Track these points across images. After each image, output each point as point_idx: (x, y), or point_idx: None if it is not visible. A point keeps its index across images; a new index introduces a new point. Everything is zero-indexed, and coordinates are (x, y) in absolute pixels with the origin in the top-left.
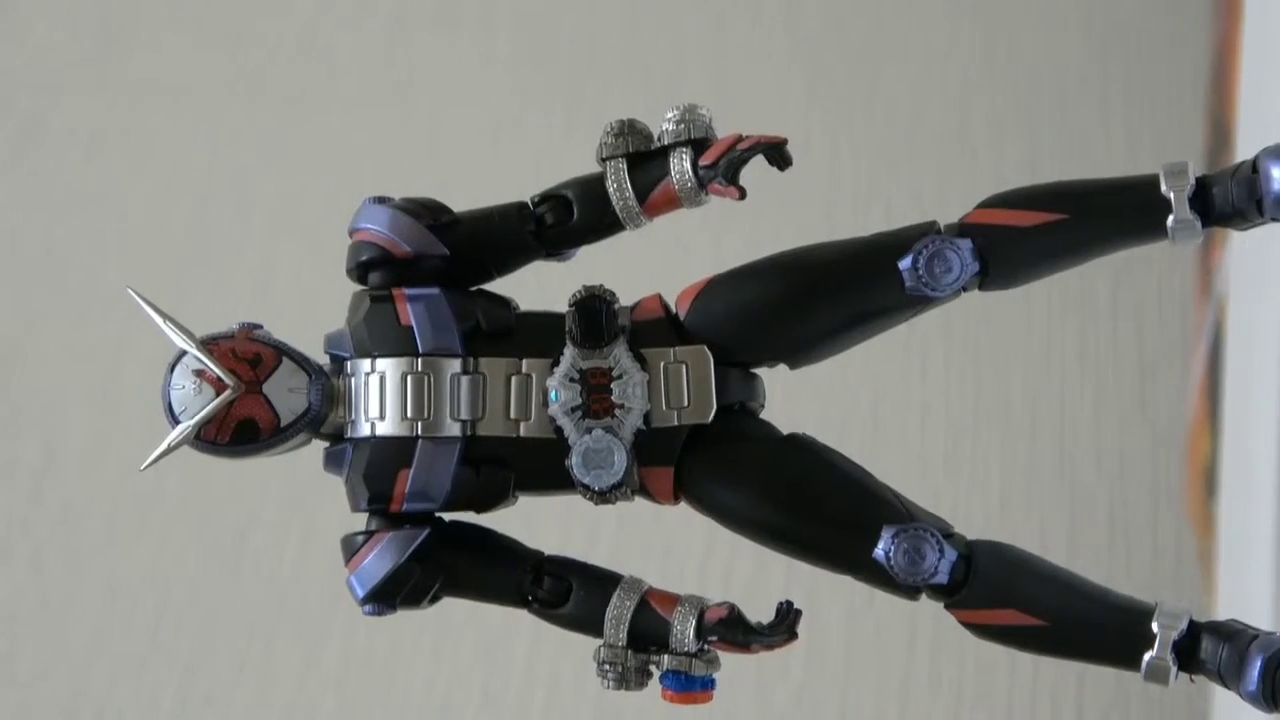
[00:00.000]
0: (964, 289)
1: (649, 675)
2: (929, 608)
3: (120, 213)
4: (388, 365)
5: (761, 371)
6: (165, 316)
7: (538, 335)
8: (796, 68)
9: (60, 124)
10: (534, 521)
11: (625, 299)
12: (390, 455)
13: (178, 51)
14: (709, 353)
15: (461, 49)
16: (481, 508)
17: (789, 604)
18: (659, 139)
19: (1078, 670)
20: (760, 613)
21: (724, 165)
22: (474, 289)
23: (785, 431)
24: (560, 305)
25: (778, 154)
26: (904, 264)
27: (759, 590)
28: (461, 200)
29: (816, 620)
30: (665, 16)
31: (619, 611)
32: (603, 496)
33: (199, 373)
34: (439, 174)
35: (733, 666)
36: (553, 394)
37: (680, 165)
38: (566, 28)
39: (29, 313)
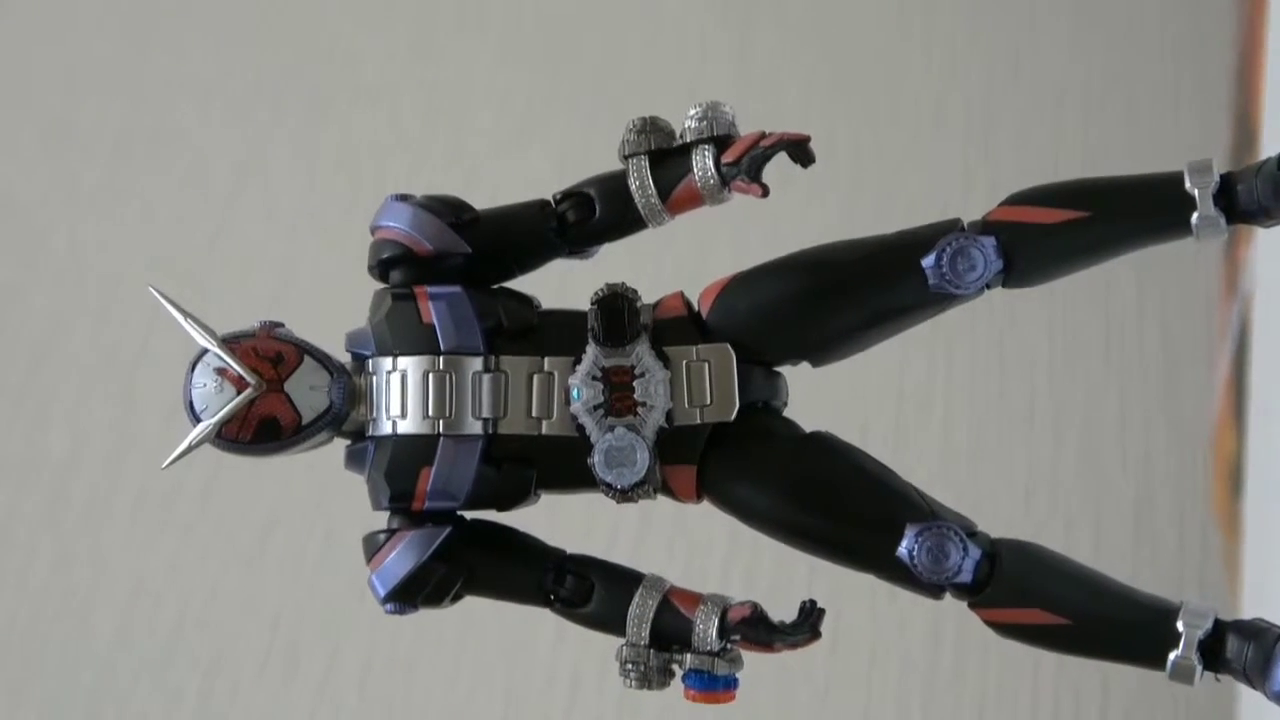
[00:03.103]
0: (987, 286)
1: (671, 674)
2: (952, 606)
3: (145, 212)
4: (409, 363)
5: (784, 369)
6: (187, 314)
7: (560, 333)
8: (820, 66)
9: (87, 124)
10: (556, 520)
11: (647, 297)
12: (412, 453)
13: (203, 51)
14: (731, 351)
15: (485, 49)
16: (503, 506)
17: (812, 603)
18: (681, 136)
19: (1102, 669)
20: (783, 611)
21: (746, 163)
22: (496, 287)
23: (808, 429)
24: (582, 303)
25: (800, 151)
26: (927, 261)
27: (782, 589)
28: (484, 198)
29: (840, 619)
30: (689, 14)
31: (641, 610)
32: (625, 495)
33: (220, 371)
34: (462, 172)
35: (756, 665)
36: (575, 392)
37: (703, 162)
38: (590, 26)
39: (54, 311)
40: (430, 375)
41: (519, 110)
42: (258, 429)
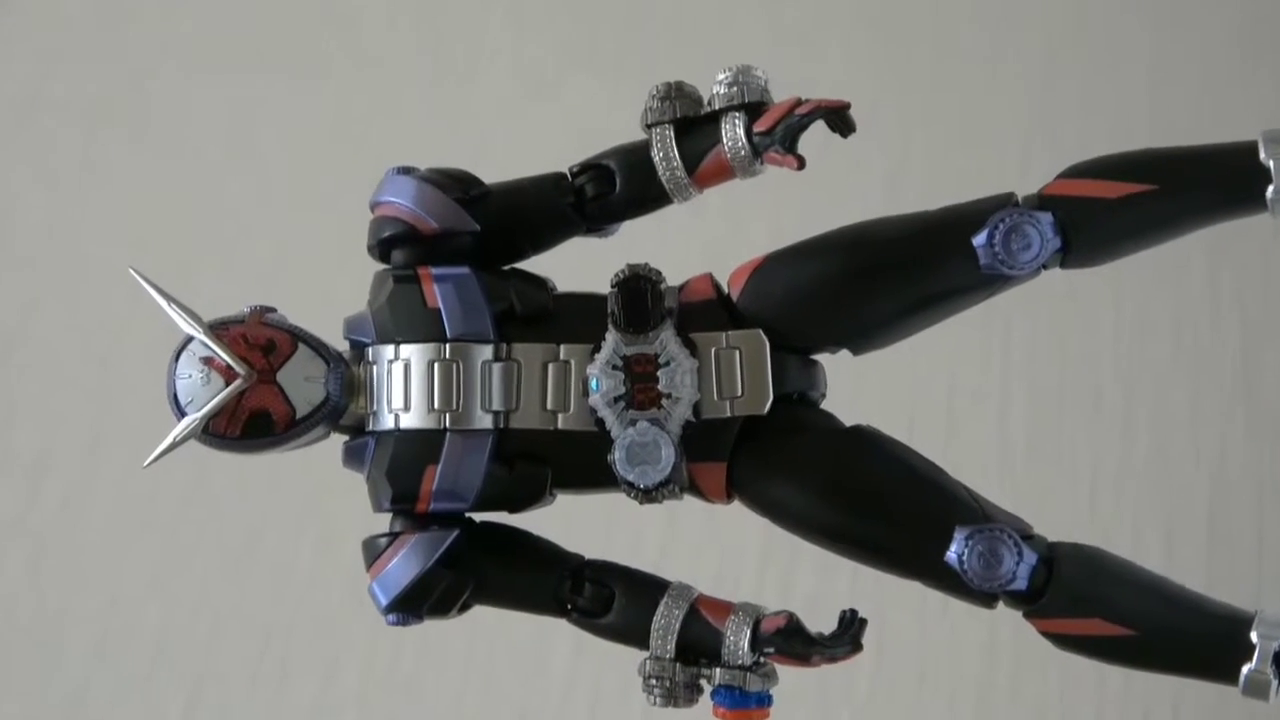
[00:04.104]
0: (1044, 267)
1: (699, 691)
2: (1008, 616)
3: (123, 187)
4: (413, 352)
5: (822, 358)
6: (170, 299)
7: (577, 319)
8: (862, 25)
9: (60, 92)
10: (573, 522)
11: (673, 278)
12: (416, 450)
13: (186, 11)
14: (764, 337)
15: (495, 5)
16: (515, 507)
17: (853, 612)
18: (709, 103)
19: (1173, 685)
20: (823, 622)
21: (781, 132)
22: (507, 268)
23: (848, 423)
24: (601, 286)
25: (840, 119)
26: (978, 240)
27: (822, 598)
28: (493, 171)
29: (884, 630)
30: None
31: (666, 621)
32: (648, 495)
33: (207, 360)
34: (470, 142)
35: (792, 681)
36: (593, 383)
37: (733, 132)
38: None
39: (24, 296)
40: (436, 365)
41: (532, 75)
42: (248, 423)
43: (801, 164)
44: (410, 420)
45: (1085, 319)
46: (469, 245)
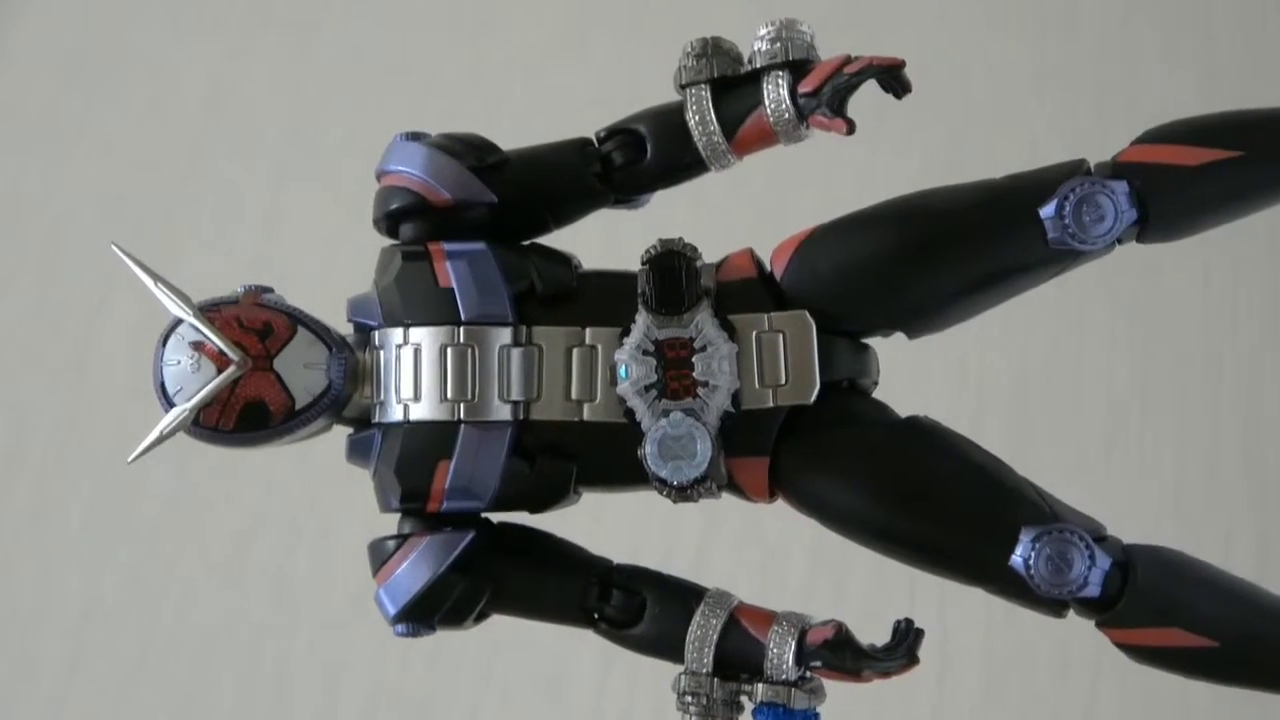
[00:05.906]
0: (1119, 241)
1: (739, 708)
2: (1082, 626)
3: (103, 150)
4: (424, 336)
5: (874, 341)
6: (157, 278)
7: (604, 299)
8: None
9: (30, 45)
10: (601, 523)
11: (709, 255)
12: (427, 444)
13: None
14: (811, 319)
15: None
16: (537, 507)
17: (908, 622)
18: (750, 61)
19: (1262, 701)
20: (876, 634)
21: (828, 93)
22: (526, 243)
23: (903, 414)
24: (631, 263)
25: (894, 79)
26: (1046, 211)
27: (876, 606)
28: (510, 136)
29: (946, 642)
30: None
31: (703, 632)
32: (683, 492)
33: (198, 345)
34: (484, 103)
35: (842, 698)
36: (622, 370)
37: (776, 93)
38: None
39: None
40: (449, 350)
41: (552, 27)
42: (242, 415)
43: (851, 128)
44: (421, 411)
45: (1167, 299)
46: (484, 218)
